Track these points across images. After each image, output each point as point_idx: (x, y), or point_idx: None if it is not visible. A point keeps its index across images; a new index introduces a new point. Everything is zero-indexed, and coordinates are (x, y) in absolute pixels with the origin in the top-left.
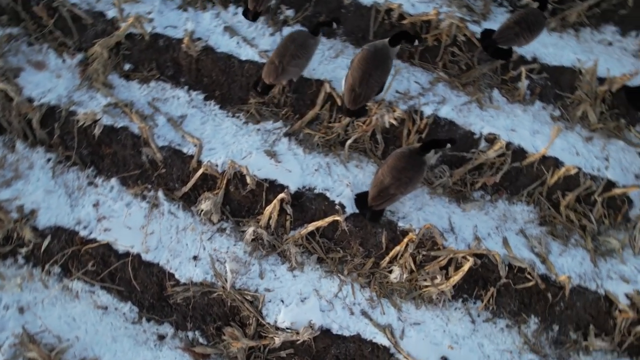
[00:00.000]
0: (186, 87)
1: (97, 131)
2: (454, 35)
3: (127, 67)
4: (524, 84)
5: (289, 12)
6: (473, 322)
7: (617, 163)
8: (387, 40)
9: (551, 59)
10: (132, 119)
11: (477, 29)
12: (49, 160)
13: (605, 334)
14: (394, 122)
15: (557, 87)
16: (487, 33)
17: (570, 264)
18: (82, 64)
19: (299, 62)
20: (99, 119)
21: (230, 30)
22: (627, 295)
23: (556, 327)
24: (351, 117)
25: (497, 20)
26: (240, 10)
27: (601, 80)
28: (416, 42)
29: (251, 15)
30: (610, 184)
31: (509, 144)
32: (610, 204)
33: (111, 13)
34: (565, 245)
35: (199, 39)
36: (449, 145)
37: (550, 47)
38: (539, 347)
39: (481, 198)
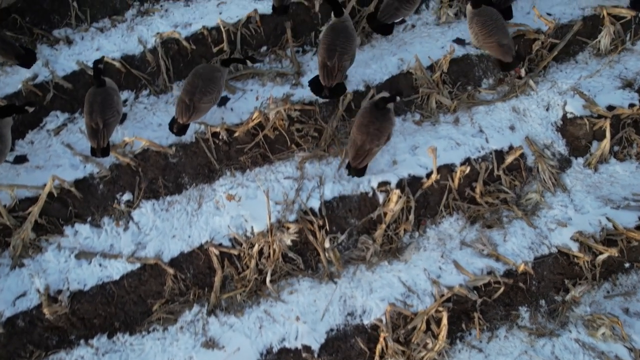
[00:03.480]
0: (82, 341)
1: None
2: (287, 115)
3: None
4: None
5: (127, 197)
6: (481, 350)
7: (490, 129)
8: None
9: (381, 75)
10: None
11: (301, 93)
12: None
13: (579, 279)
14: (295, 236)
15: (402, 95)
16: (371, 15)
17: (517, 243)
18: None
19: (210, 98)
20: None
21: (83, 254)
22: (573, 239)
23: (542, 302)
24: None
25: (312, 67)
26: (87, 226)
27: (431, 68)
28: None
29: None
30: (499, 153)
31: (400, 181)
32: (510, 167)
33: None
34: (503, 227)
35: (59, 291)
36: (398, 99)
37: (372, 64)
38: (542, 328)
39: (411, 239)
